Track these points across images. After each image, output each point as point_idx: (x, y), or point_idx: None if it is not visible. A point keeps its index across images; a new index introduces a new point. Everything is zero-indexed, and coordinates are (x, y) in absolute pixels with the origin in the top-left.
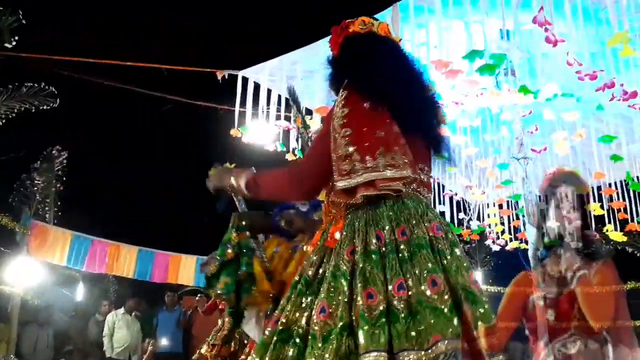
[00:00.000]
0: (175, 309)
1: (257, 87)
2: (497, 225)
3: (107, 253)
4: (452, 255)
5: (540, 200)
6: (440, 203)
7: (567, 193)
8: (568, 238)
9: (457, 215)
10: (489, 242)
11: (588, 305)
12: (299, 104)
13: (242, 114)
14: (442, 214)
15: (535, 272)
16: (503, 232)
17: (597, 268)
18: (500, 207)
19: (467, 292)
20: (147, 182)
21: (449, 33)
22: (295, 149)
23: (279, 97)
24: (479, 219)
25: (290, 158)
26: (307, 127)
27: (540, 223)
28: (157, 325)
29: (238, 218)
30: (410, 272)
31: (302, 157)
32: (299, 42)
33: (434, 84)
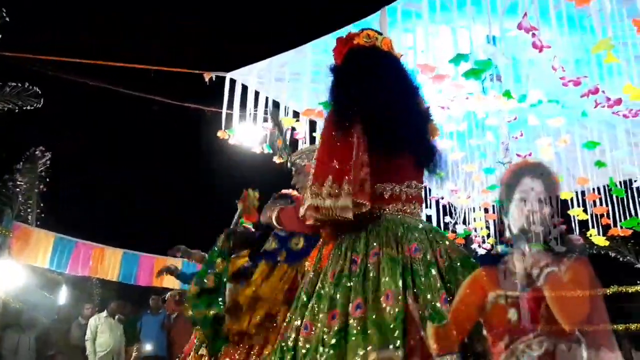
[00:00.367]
0: (160, 313)
1: (245, 89)
2: (482, 229)
3: (91, 255)
4: (426, 276)
5: (502, 193)
6: (427, 207)
7: (533, 186)
8: (536, 233)
9: (443, 219)
10: (475, 245)
11: (558, 305)
12: (282, 128)
13: (230, 116)
14: (428, 218)
15: (496, 269)
16: (489, 235)
17: (568, 265)
18: (486, 211)
19: (434, 311)
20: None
21: (436, 38)
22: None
23: (267, 99)
24: (465, 223)
25: (278, 161)
26: (286, 148)
27: (502, 217)
28: (140, 329)
29: (226, 236)
30: (369, 290)
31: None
32: (299, 42)
33: (421, 88)
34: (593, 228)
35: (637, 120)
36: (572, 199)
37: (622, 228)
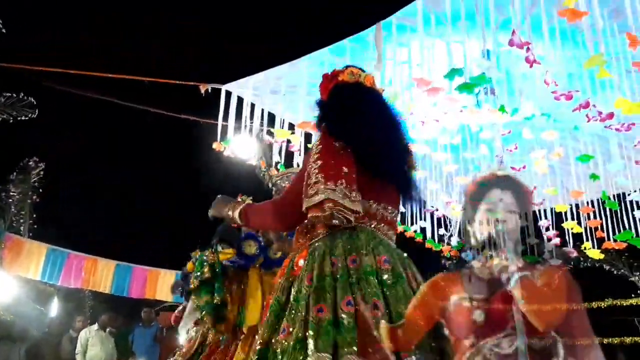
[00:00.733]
0: (152, 325)
1: (240, 101)
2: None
3: (83, 267)
4: (394, 287)
5: (467, 204)
6: (422, 219)
7: (502, 197)
8: (508, 242)
9: (437, 232)
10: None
11: (531, 308)
12: (266, 149)
13: (225, 128)
14: (422, 230)
15: (460, 274)
16: (483, 248)
17: (543, 271)
18: None
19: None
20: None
21: (431, 52)
22: (278, 164)
23: (262, 111)
24: (460, 235)
25: (273, 173)
26: (269, 168)
27: (466, 226)
28: (132, 342)
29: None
30: (357, 293)
31: (273, 178)
32: (295, 55)
33: (404, 124)
34: (587, 241)
35: (629, 134)
36: (566, 212)
37: (616, 241)
